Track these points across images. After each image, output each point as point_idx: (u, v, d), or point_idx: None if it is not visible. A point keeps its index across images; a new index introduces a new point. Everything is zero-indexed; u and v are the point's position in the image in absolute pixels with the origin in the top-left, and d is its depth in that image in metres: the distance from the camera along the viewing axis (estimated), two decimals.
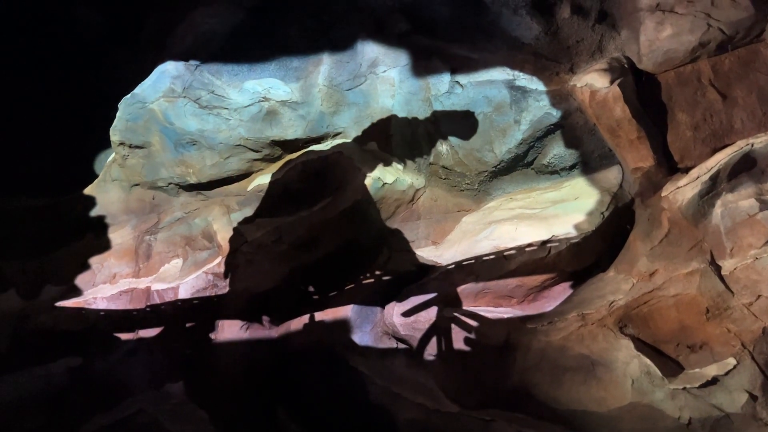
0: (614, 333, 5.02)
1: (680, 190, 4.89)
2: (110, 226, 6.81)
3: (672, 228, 5.00)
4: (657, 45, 5.25)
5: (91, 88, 7.08)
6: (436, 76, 5.82)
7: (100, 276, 6.49)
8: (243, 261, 6.15)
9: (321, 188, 6.14)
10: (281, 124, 6.17)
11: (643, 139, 5.22)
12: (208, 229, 6.49)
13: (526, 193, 6.11)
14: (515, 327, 5.60)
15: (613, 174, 5.72)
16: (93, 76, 7.21)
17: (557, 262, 5.58)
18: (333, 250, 6.19)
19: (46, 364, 5.77)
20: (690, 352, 4.83)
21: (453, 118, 5.85)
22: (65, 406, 5.54)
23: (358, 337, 6.21)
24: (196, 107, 6.12)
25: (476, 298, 5.98)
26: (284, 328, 6.42)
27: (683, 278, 4.84)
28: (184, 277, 6.33)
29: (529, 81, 5.60)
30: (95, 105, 6.70)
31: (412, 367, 5.80)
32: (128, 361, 5.98)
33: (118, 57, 7.12)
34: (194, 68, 6.16)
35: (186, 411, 5.34)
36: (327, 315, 6.24)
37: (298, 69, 6.13)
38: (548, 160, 5.90)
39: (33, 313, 6.11)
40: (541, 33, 5.65)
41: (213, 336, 6.26)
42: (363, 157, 6.09)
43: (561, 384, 5.10)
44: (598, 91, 5.21)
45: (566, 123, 5.62)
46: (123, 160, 6.61)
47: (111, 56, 7.16)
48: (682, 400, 4.59)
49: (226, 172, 6.52)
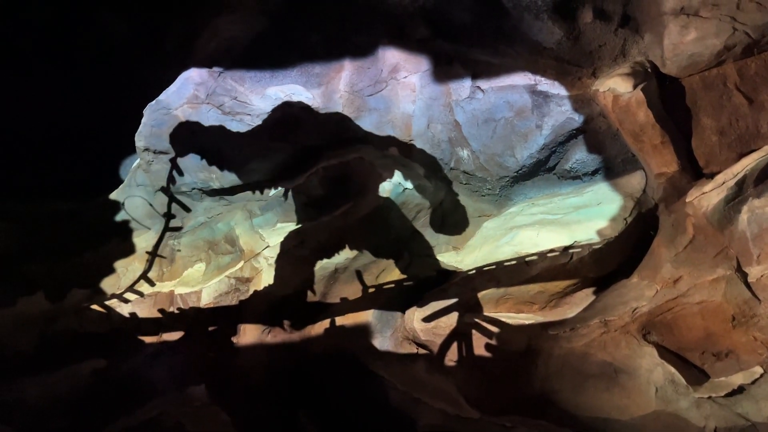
0: (637, 340, 4.97)
1: (705, 196, 4.82)
2: (134, 230, 6.90)
3: (697, 234, 4.93)
4: (681, 49, 5.19)
5: (117, 95, 7.19)
6: (457, 82, 5.83)
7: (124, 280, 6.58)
8: (265, 265, 6.20)
9: (342, 194, 6.17)
10: (303, 129, 6.20)
11: (667, 143, 5.17)
12: (230, 234, 6.56)
13: (547, 199, 6.07)
14: (537, 333, 5.57)
15: (637, 179, 5.66)
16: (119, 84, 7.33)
17: (579, 268, 5.54)
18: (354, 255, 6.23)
19: (72, 366, 5.86)
20: (715, 360, 4.75)
21: (474, 123, 5.84)
22: (90, 408, 5.61)
23: (378, 342, 6.22)
24: (219, 113, 6.19)
25: (497, 304, 5.96)
26: (305, 333, 6.45)
27: (708, 285, 4.77)
28: (206, 281, 6.40)
29: (551, 86, 5.58)
30: (121, 112, 6.81)
31: (432, 372, 5.79)
32: (152, 363, 6.05)
33: (143, 64, 7.23)
34: (217, 75, 6.24)
35: (208, 414, 5.38)
36: (347, 320, 6.26)
37: (320, 75, 6.17)
38: (570, 165, 5.86)
39: (59, 315, 6.22)
40: (563, 37, 5.61)
41: (235, 340, 6.31)
42: (384, 162, 6.11)
43: (583, 391, 5.06)
44: (621, 95, 5.17)
45: (588, 128, 5.58)
46: (148, 166, 6.70)
47: (136, 64, 7.27)
48: (708, 409, 4.53)
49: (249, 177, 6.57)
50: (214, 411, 5.39)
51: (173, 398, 5.53)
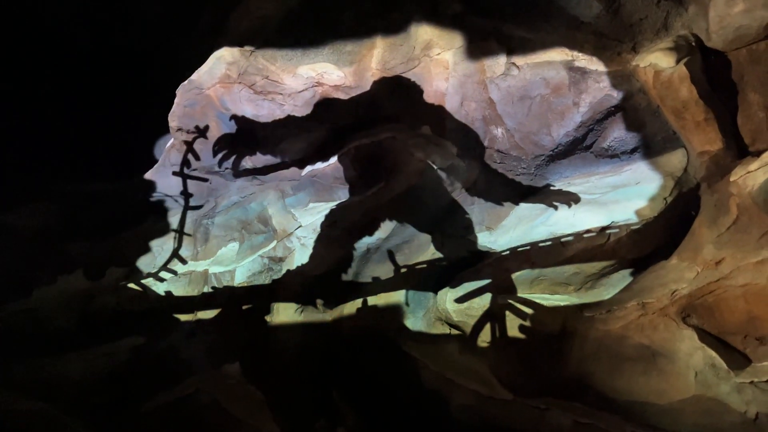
0: (676, 323, 4.86)
1: (751, 175, 4.62)
2: (169, 209, 6.99)
3: (741, 214, 4.75)
4: (728, 21, 4.95)
5: (151, 75, 7.26)
6: (492, 58, 5.69)
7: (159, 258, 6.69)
8: (298, 245, 6.23)
9: (374, 173, 6.13)
10: (335, 108, 6.16)
11: (711, 120, 4.97)
12: (263, 214, 6.60)
13: (584, 178, 5.94)
14: (572, 315, 5.50)
15: (677, 158, 5.49)
16: (153, 64, 7.40)
17: (617, 249, 5.42)
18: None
19: (112, 343, 6.01)
20: (758, 344, 4.61)
21: (509, 100, 5.72)
22: (129, 384, 5.76)
23: (410, 322, 6.23)
24: (251, 93, 6.18)
25: (531, 285, 5.89)
26: (337, 312, 6.49)
27: (753, 267, 4.61)
28: (240, 260, 6.46)
29: (588, 61, 5.40)
30: (155, 91, 6.87)
31: (465, 353, 5.78)
32: (188, 341, 6.17)
33: (176, 44, 7.26)
34: (249, 54, 6.21)
35: (243, 392, 5.46)
36: (380, 300, 6.27)
37: (352, 53, 6.10)
38: (608, 143, 5.71)
39: (98, 293, 6.37)
40: (602, 11, 5.42)
41: (268, 318, 6.38)
42: (416, 141, 6.03)
43: (619, 374, 4.99)
44: (663, 71, 4.97)
45: (628, 105, 5.41)
46: (181, 146, 6.76)
47: (169, 43, 7.31)
48: (749, 394, 4.41)
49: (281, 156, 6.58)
50: (250, 389, 5.47)
51: (209, 376, 5.63)
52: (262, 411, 5.32)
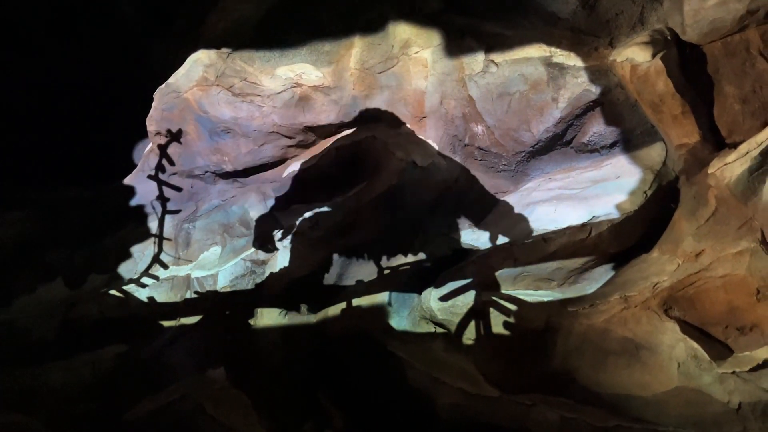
0: (659, 315, 4.89)
1: (728, 167, 4.65)
2: (149, 214, 6.92)
3: (719, 206, 4.79)
4: (702, 14, 4.98)
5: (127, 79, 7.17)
6: (470, 55, 5.69)
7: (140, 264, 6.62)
8: (280, 248, 6.19)
9: (355, 173, 6.11)
10: (314, 109, 6.14)
11: (687, 114, 5.00)
12: (245, 217, 6.55)
13: (565, 173, 5.95)
14: (556, 310, 5.51)
15: (656, 151, 5.52)
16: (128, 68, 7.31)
17: (598, 243, 5.45)
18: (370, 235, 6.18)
19: (94, 351, 5.94)
20: (739, 334, 4.66)
21: (488, 97, 5.72)
22: (113, 392, 5.70)
23: (395, 322, 6.21)
24: (229, 95, 6.14)
25: (515, 282, 5.90)
26: (322, 314, 6.46)
27: (732, 258, 4.65)
28: (222, 264, 6.41)
29: (566, 57, 5.42)
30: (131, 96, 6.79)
31: (450, 351, 5.78)
32: (171, 347, 6.11)
33: (152, 47, 7.19)
34: (226, 56, 6.17)
35: (229, 396, 5.43)
36: (364, 301, 6.25)
37: (330, 53, 6.07)
38: (588, 138, 5.73)
39: (80, 301, 6.29)
40: (579, 7, 5.44)
41: (252, 322, 6.34)
42: (396, 141, 6.02)
43: (603, 368, 5.02)
44: (639, 65, 4.99)
45: (606, 99, 5.43)
46: (159, 150, 6.69)
47: (145, 47, 7.23)
48: (732, 384, 4.46)
49: (261, 159, 6.54)
50: (234, 393, 5.43)
51: (194, 381, 5.58)
52: (248, 415, 5.30)
